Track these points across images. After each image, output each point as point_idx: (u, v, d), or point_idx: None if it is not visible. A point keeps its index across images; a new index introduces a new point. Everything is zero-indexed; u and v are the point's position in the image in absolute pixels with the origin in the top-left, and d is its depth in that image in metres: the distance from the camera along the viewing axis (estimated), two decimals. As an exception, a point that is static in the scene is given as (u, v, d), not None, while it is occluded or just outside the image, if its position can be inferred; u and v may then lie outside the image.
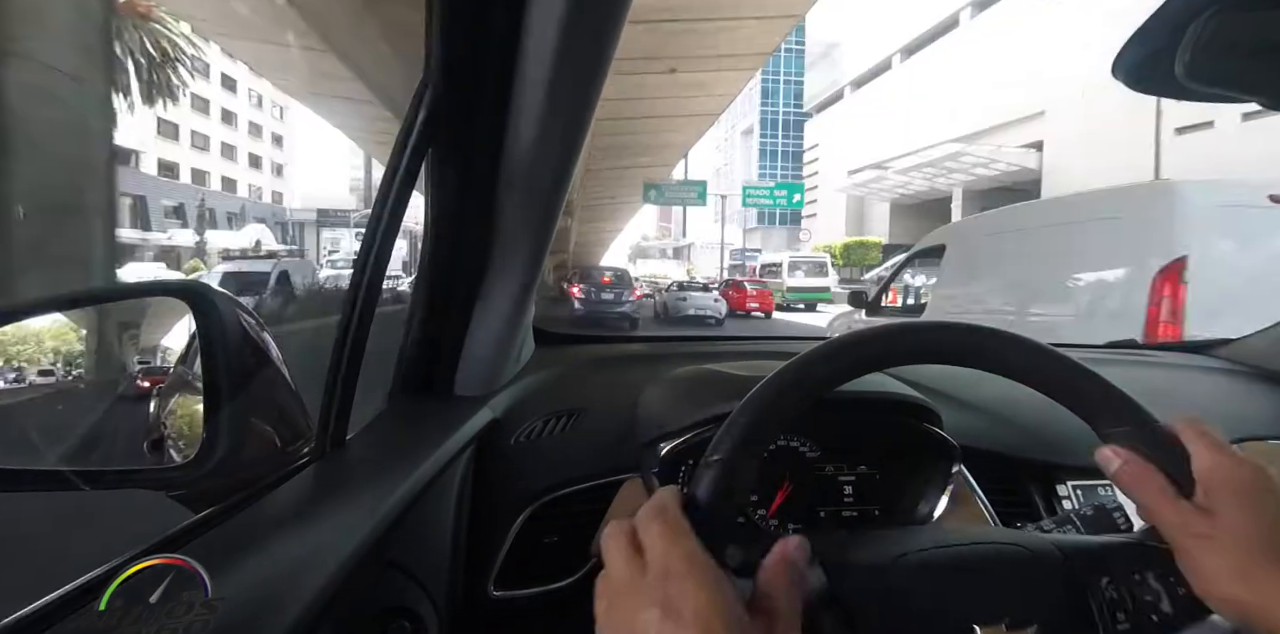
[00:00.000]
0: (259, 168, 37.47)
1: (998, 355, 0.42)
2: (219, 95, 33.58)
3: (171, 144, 30.02)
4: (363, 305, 0.57)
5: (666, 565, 0.33)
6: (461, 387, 0.76)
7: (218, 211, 30.58)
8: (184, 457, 0.51)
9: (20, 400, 0.61)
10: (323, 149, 41.86)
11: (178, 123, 29.84)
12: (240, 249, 20.54)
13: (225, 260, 17.88)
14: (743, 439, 0.39)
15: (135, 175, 26.86)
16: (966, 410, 0.81)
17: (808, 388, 0.41)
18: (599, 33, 0.50)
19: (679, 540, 0.34)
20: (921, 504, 0.68)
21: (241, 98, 35.59)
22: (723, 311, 13.92)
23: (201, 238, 24.72)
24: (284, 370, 0.59)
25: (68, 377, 0.64)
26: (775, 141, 51.30)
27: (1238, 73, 0.38)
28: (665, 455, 0.67)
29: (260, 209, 35.19)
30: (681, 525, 0.36)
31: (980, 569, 0.41)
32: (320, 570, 0.40)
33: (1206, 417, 0.40)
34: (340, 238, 36.93)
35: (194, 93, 30.18)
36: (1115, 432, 0.41)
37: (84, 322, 0.66)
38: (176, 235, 25.70)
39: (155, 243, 25.38)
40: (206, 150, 32.86)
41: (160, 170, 29.01)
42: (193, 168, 31.48)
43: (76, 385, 0.65)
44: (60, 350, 0.63)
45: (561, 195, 0.65)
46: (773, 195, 25.58)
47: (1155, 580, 0.39)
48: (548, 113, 0.56)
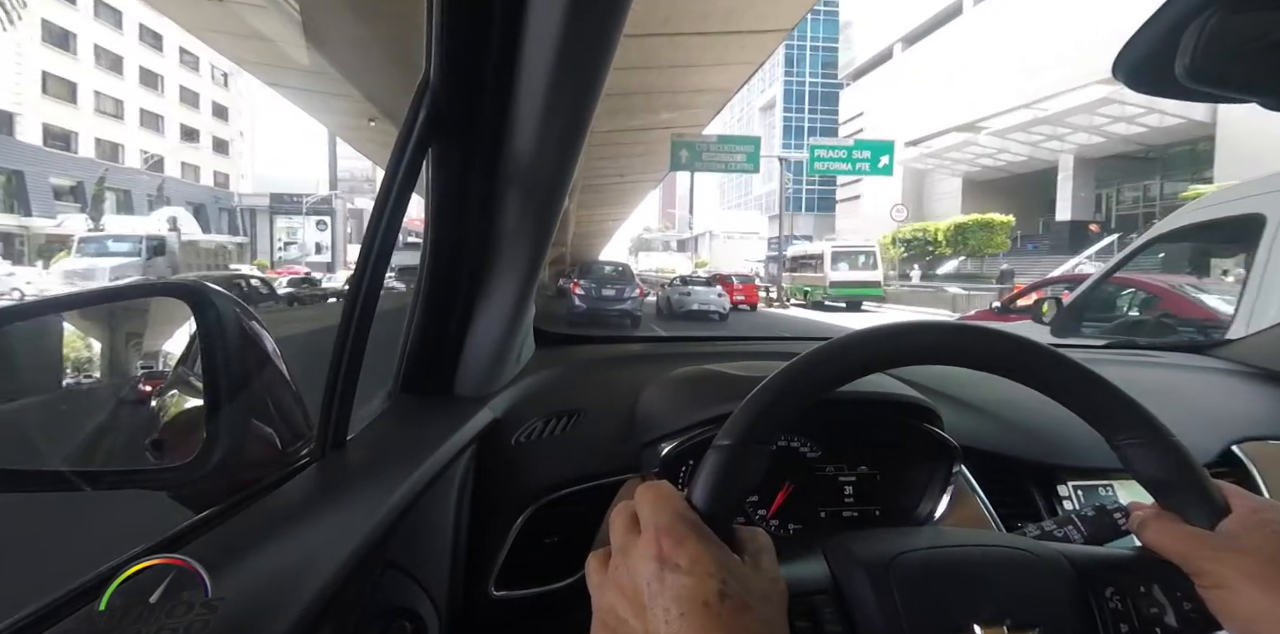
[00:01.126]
0: (195, 142, 32.23)
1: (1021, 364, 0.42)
2: (138, 52, 28.21)
3: (66, 107, 24.90)
4: (363, 305, 0.57)
5: (658, 524, 0.35)
6: (462, 387, 0.76)
7: (135, 194, 25.87)
8: (184, 457, 0.51)
9: (20, 401, 0.61)
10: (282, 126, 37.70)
11: (75, 80, 24.95)
12: (140, 236, 16.94)
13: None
14: (751, 425, 0.39)
15: (7, 144, 21.84)
16: (967, 410, 0.81)
17: (820, 382, 0.41)
18: (599, 31, 0.50)
19: (671, 503, 0.36)
20: (922, 504, 0.68)
21: (170, 57, 30.34)
22: (725, 307, 13.73)
23: (97, 224, 20.71)
24: (284, 370, 0.59)
25: (68, 377, 0.64)
26: (801, 116, 44.99)
27: (1238, 73, 0.38)
28: (665, 455, 0.67)
29: (194, 192, 30.10)
30: (673, 493, 0.37)
31: (984, 571, 0.41)
32: (320, 571, 0.40)
33: (1206, 417, 0.40)
34: (298, 228, 32.28)
35: (98, 44, 25.39)
36: (1128, 443, 0.40)
37: (83, 322, 0.66)
38: (71, 222, 21.18)
39: (39, 231, 21.21)
40: (120, 118, 27.53)
41: (48, 139, 24.00)
42: (98, 138, 26.29)
43: (76, 386, 0.65)
44: (59, 351, 0.63)
45: (562, 195, 0.65)
46: (851, 157, 18.02)
47: (1161, 594, 0.39)
48: (547, 112, 0.56)
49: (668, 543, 0.33)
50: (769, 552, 0.37)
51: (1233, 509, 0.38)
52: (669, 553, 0.33)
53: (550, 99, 0.55)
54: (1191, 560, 0.37)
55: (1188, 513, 0.39)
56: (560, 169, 0.61)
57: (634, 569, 0.34)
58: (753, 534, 0.38)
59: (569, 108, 0.56)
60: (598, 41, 0.51)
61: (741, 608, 0.32)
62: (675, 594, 0.32)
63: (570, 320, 10.71)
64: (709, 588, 0.32)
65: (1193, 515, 0.39)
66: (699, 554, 0.33)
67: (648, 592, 0.32)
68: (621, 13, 0.49)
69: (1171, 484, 0.40)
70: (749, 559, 0.35)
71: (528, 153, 0.60)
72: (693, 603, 0.31)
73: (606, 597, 0.35)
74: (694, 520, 0.35)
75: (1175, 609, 0.38)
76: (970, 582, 0.40)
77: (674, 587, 0.32)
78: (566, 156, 0.60)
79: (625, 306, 11.33)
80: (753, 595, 0.33)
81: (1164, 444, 0.40)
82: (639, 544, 0.35)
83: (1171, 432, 0.40)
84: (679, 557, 0.33)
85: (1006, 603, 0.39)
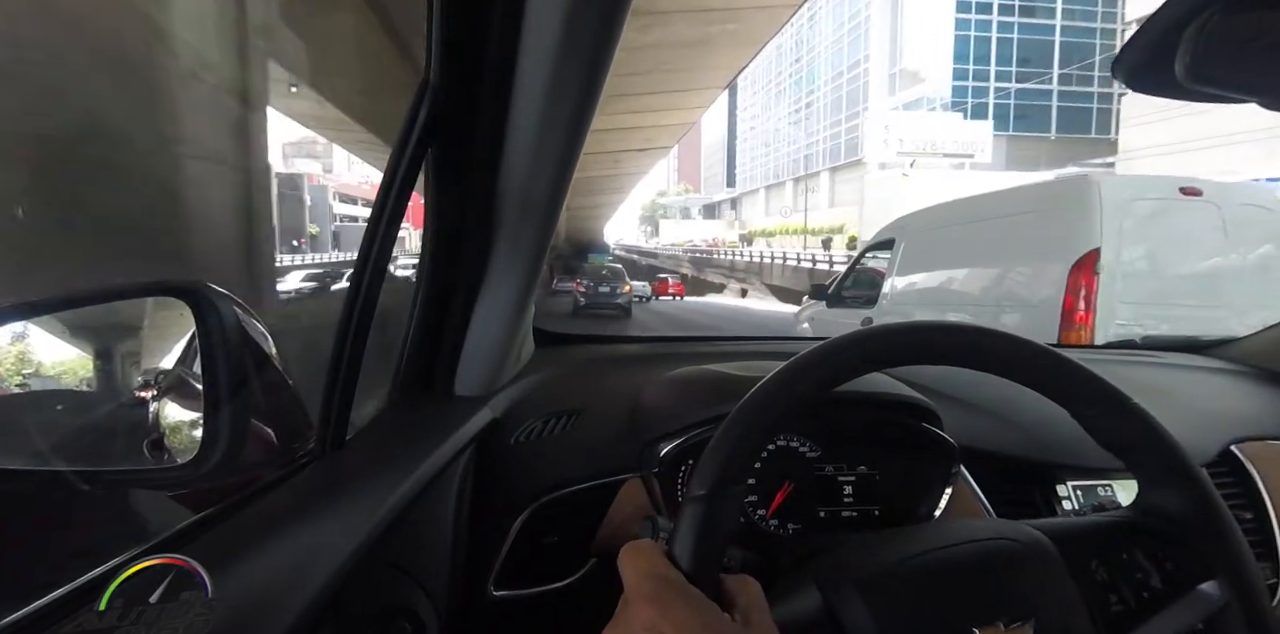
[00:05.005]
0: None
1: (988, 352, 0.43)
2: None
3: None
4: (363, 305, 0.57)
5: (640, 592, 0.34)
6: (461, 387, 0.76)
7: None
8: (184, 456, 0.51)
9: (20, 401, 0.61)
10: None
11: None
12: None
13: None
14: (721, 470, 0.38)
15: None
16: (966, 410, 0.81)
17: (779, 412, 0.40)
18: (599, 30, 0.50)
19: (653, 566, 0.35)
20: (921, 504, 0.68)
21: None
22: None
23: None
24: (284, 370, 0.59)
25: (67, 377, 0.64)
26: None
27: (1238, 73, 0.38)
28: (665, 455, 0.67)
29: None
30: (654, 553, 0.36)
31: (972, 570, 0.41)
32: (320, 571, 0.40)
33: (1205, 417, 0.40)
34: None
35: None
36: (1089, 413, 0.42)
37: (83, 320, 0.66)
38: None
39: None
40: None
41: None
42: None
43: (76, 386, 0.65)
44: (59, 351, 0.63)
45: (562, 195, 0.65)
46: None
47: (1143, 558, 0.41)
48: (548, 112, 0.56)
49: (653, 612, 0.32)
50: (759, 605, 0.36)
51: None
52: (656, 623, 0.32)
53: (551, 98, 0.54)
54: None
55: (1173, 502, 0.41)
56: (560, 168, 0.61)
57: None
58: (742, 585, 0.36)
59: (570, 107, 0.56)
60: (599, 39, 0.50)
61: None
62: None
63: (574, 310, 13.45)
64: None
65: (1178, 505, 0.41)
66: (686, 622, 0.32)
67: None
68: (622, 10, 0.49)
69: (1134, 446, 0.41)
70: (739, 616, 0.34)
71: (528, 152, 0.60)
72: None
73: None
74: (679, 583, 0.34)
75: (1159, 570, 0.40)
76: (961, 585, 0.41)
77: None
78: (567, 155, 0.60)
79: (618, 300, 14.07)
80: None
81: (1123, 409, 0.41)
82: (628, 610, 0.34)
83: (1130, 397, 0.41)
84: (666, 626, 0.32)
85: (999, 600, 0.39)
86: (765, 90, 49.24)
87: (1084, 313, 2.70)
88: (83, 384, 0.66)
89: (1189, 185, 2.83)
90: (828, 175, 37.67)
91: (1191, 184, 2.85)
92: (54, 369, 0.63)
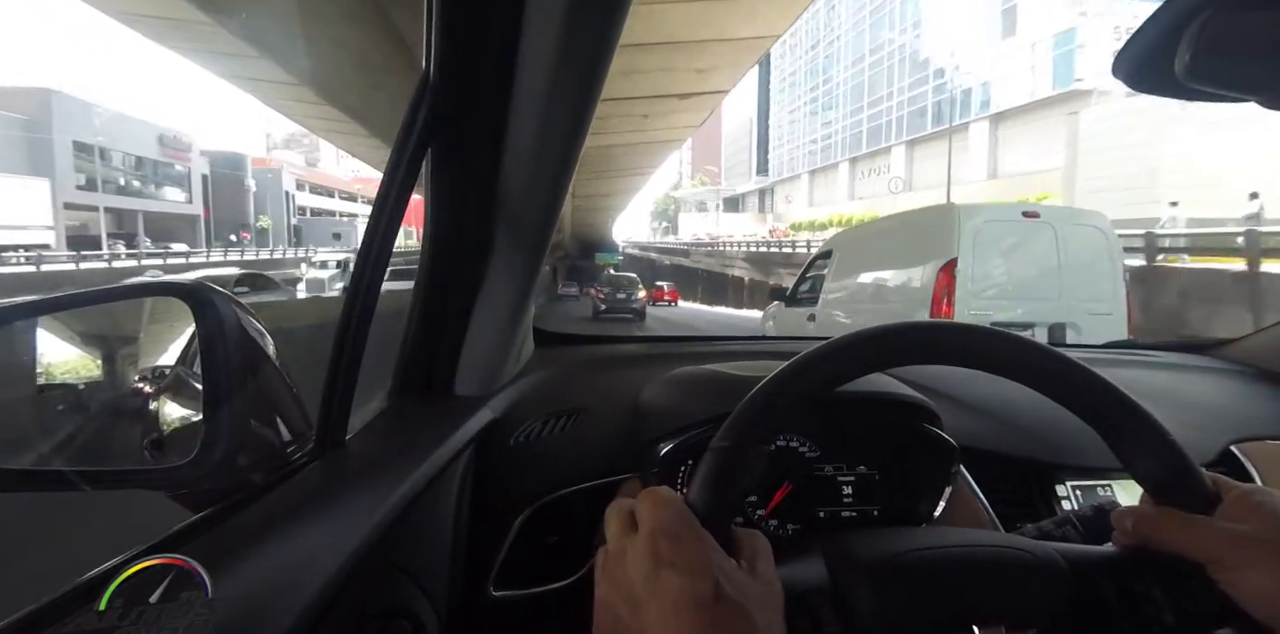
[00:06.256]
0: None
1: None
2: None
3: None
4: (362, 305, 0.57)
5: (655, 524, 0.35)
6: (461, 387, 0.76)
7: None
8: (184, 457, 0.51)
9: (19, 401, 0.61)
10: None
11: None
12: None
13: None
14: (749, 426, 0.39)
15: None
16: (966, 410, 0.81)
17: (817, 382, 0.41)
18: (599, 29, 0.49)
19: (669, 504, 0.36)
20: (921, 504, 0.68)
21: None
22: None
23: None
24: (283, 370, 0.59)
25: (67, 377, 0.64)
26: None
27: (1237, 73, 0.38)
28: (665, 455, 0.67)
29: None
30: (672, 495, 0.37)
31: (981, 571, 0.41)
32: (320, 571, 0.40)
33: (1205, 416, 0.40)
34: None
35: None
36: (1121, 440, 0.41)
37: (83, 321, 0.66)
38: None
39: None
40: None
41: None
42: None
43: (76, 386, 0.65)
44: (59, 351, 0.63)
45: (562, 194, 0.65)
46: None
47: (1159, 592, 0.39)
48: (548, 111, 0.56)
49: (664, 542, 0.33)
50: (766, 556, 0.37)
51: (1224, 497, 0.39)
52: (665, 552, 0.33)
53: (550, 97, 0.54)
54: (1203, 548, 0.37)
55: (1183, 504, 0.39)
56: (561, 167, 0.61)
57: (630, 567, 0.34)
58: (750, 537, 0.38)
59: (570, 106, 0.56)
60: (599, 38, 0.50)
61: (737, 611, 0.32)
62: (670, 594, 0.31)
63: (594, 315, 16.15)
64: (704, 589, 0.31)
65: (1188, 506, 0.39)
66: (695, 554, 0.33)
67: (644, 590, 0.32)
68: (623, 8, 0.49)
69: (1166, 478, 0.40)
70: (745, 563, 0.35)
71: (528, 152, 0.60)
72: (688, 603, 0.31)
73: (604, 593, 0.35)
74: (691, 521, 0.35)
75: (1173, 607, 0.38)
76: (968, 582, 0.41)
77: (669, 586, 0.32)
78: (567, 155, 0.60)
79: (634, 305, 16.69)
80: (749, 600, 0.33)
81: (1157, 439, 0.40)
82: (636, 542, 0.35)
83: (1166, 428, 0.40)
84: (675, 556, 0.33)
85: (1004, 604, 0.39)
86: (812, 54, 39.65)
87: (946, 305, 3.72)
88: (83, 384, 0.66)
89: (1029, 210, 3.96)
90: (903, 150, 30.82)
91: (1032, 208, 4.02)
92: (54, 369, 0.63)
